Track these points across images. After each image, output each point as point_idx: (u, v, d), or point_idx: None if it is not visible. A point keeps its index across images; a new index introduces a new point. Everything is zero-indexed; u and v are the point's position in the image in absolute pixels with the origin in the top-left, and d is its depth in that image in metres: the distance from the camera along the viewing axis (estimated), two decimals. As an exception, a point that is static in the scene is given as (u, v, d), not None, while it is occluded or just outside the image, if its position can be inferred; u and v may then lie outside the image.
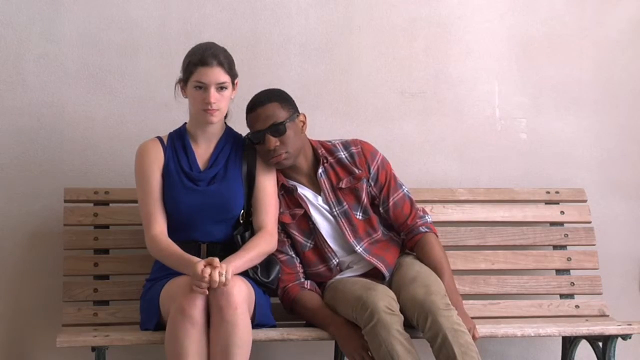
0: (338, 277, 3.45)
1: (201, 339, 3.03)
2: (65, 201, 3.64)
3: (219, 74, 3.24)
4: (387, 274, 3.42)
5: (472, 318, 3.33)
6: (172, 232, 3.30)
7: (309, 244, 3.43)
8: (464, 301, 3.40)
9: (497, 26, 4.13)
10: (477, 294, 3.82)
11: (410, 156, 4.05)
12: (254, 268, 3.25)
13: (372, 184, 3.46)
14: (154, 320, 3.22)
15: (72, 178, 3.78)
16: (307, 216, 3.42)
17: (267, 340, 3.27)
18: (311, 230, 3.43)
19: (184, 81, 3.30)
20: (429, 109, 4.08)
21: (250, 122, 3.36)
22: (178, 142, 3.36)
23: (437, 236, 3.51)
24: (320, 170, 3.42)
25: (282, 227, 3.42)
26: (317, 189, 3.44)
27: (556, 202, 3.95)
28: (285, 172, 3.43)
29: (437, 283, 3.27)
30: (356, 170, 3.44)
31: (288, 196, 3.43)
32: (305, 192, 3.43)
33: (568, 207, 3.94)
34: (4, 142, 3.80)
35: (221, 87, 3.25)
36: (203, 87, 3.24)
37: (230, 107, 3.39)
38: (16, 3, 3.83)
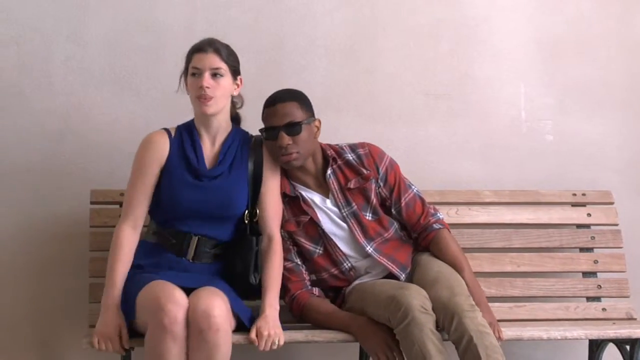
0: (358, 281, 3.44)
1: (181, 352, 3.00)
2: (92, 203, 3.66)
3: (213, 60, 3.25)
4: (400, 273, 3.41)
5: (498, 321, 3.32)
6: (168, 222, 3.30)
7: (318, 250, 3.42)
8: (489, 304, 3.38)
9: (523, 27, 4.11)
10: (502, 296, 3.80)
11: (435, 158, 4.04)
12: (256, 274, 3.27)
13: (382, 184, 3.46)
14: (129, 316, 3.16)
15: (98, 180, 3.80)
16: (314, 222, 3.41)
17: (291, 342, 3.27)
18: (320, 235, 3.41)
19: (185, 73, 3.31)
20: (454, 110, 4.07)
21: (266, 117, 3.36)
22: (187, 136, 3.35)
23: (450, 232, 3.50)
24: (329, 172, 3.41)
25: (289, 235, 3.41)
26: (325, 192, 3.43)
27: (583, 204, 3.93)
28: (293, 175, 3.43)
29: (460, 283, 3.27)
30: (364, 171, 3.43)
31: (293, 203, 3.41)
32: (312, 196, 3.42)
33: (595, 209, 3.92)
34: (31, 144, 3.84)
35: (216, 74, 3.25)
36: (198, 74, 3.24)
37: (243, 114, 3.40)
38: (44, 7, 3.87)
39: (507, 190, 3.95)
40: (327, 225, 3.41)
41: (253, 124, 3.43)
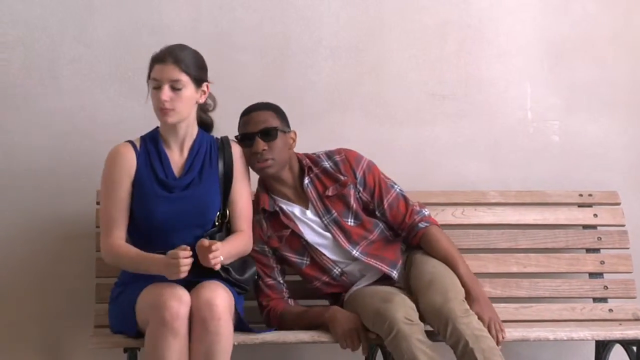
0: (354, 288, 3.43)
1: (182, 349, 2.98)
2: (97, 203, 3.65)
3: (172, 72, 3.18)
4: (392, 272, 3.41)
5: (504, 322, 3.32)
6: (145, 244, 3.20)
7: (305, 261, 3.42)
8: (495, 305, 3.38)
9: (529, 28, 4.10)
10: (508, 297, 3.80)
11: (441, 159, 4.04)
12: (226, 268, 3.18)
13: (361, 189, 3.44)
14: (132, 327, 3.15)
15: (104, 180, 3.80)
16: (296, 234, 3.40)
17: (297, 342, 3.27)
18: (304, 247, 3.40)
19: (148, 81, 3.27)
20: (460, 111, 4.07)
21: (242, 125, 3.37)
22: (151, 147, 3.29)
23: (439, 227, 3.49)
24: (306, 181, 3.40)
25: (273, 252, 3.41)
26: (304, 203, 3.42)
27: (589, 205, 3.91)
28: (272, 188, 3.42)
29: (454, 286, 3.27)
30: (341, 177, 3.42)
31: (273, 219, 3.40)
32: (292, 208, 3.42)
33: (601, 210, 3.90)
34: (38, 144, 3.84)
35: (175, 87, 3.19)
36: (157, 86, 3.19)
37: (217, 121, 3.38)
38: (50, 7, 3.88)
39: (513, 190, 3.94)
40: (309, 236, 3.40)
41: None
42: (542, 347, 4.02)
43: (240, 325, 3.22)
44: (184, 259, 3.00)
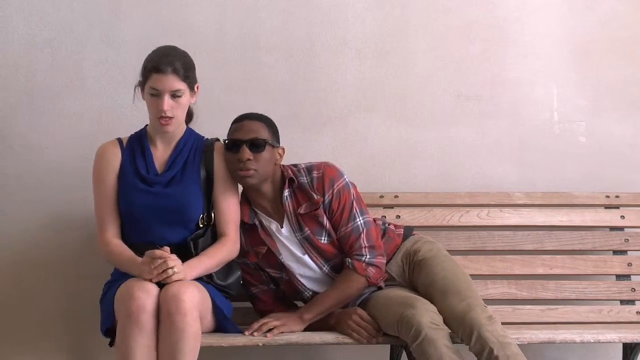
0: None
1: (149, 344, 2.99)
2: (123, 204, 3.69)
3: (173, 82, 3.21)
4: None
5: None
6: (128, 235, 3.29)
7: (284, 276, 3.42)
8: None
9: (555, 28, 4.08)
10: (534, 299, 3.78)
11: (466, 160, 4.02)
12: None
13: (326, 210, 3.38)
14: (106, 324, 3.18)
15: (130, 181, 3.82)
16: (273, 252, 3.39)
17: (322, 344, 3.27)
18: (281, 263, 3.39)
19: (142, 85, 3.29)
20: (486, 112, 4.05)
21: (232, 132, 3.34)
22: (137, 145, 3.35)
23: (362, 278, 3.35)
24: (285, 193, 3.36)
25: (256, 265, 3.41)
26: (280, 218, 3.39)
27: (616, 207, 3.89)
28: (252, 198, 3.39)
29: (471, 291, 3.26)
30: (314, 196, 3.37)
31: (252, 232, 3.39)
32: (270, 224, 3.39)
33: (628, 212, 3.87)
34: (64, 146, 3.88)
35: (175, 95, 3.22)
36: (157, 94, 3.22)
37: (196, 110, 3.40)
38: (77, 10, 3.91)
39: (540, 192, 3.93)
40: (285, 254, 3.39)
41: (281, 128, 3.44)
42: (569, 350, 4.00)
43: (228, 326, 3.21)
44: (159, 259, 3.04)
